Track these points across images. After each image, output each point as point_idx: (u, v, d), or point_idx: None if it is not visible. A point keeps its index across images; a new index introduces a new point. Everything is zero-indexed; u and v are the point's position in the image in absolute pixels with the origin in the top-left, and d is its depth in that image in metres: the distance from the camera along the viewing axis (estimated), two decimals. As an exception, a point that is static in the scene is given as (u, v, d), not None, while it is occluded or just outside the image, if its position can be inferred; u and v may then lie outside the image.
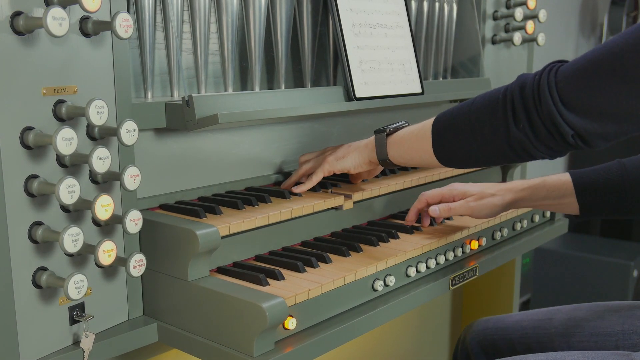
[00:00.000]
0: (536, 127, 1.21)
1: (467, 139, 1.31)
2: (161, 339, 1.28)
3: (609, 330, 1.60)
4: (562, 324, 1.68)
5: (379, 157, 1.47)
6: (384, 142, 1.46)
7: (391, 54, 1.75)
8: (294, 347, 1.17)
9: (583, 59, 1.17)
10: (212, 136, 1.48)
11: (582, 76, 1.15)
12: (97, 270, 1.20)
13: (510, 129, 1.24)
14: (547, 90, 1.18)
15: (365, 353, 2.17)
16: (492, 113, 1.27)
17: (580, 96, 1.16)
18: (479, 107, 1.30)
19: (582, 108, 1.16)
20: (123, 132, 1.12)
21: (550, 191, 1.59)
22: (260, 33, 1.54)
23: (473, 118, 1.30)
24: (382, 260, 1.38)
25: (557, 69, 1.20)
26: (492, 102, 1.28)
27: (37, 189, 1.07)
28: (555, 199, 1.60)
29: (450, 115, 1.36)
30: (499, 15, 2.17)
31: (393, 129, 1.47)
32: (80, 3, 1.03)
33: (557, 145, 1.22)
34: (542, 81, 1.20)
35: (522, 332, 1.72)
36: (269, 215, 1.35)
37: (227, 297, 1.16)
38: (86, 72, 1.13)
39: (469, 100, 1.34)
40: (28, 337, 1.11)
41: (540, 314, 1.75)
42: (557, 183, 1.60)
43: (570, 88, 1.16)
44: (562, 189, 1.59)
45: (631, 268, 3.56)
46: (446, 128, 1.36)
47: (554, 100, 1.17)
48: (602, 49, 1.14)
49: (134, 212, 1.15)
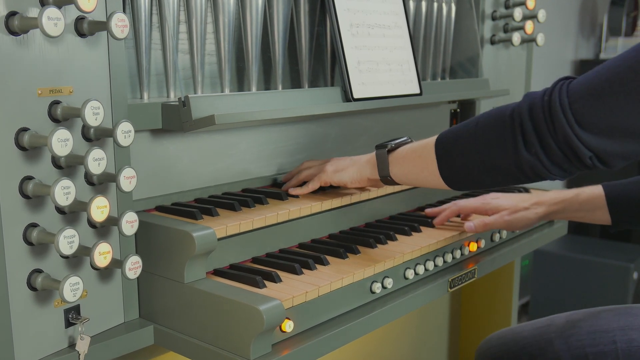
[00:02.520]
0: (550, 151, 1.17)
1: (474, 164, 1.28)
2: (157, 341, 1.28)
3: (606, 327, 1.61)
4: (560, 327, 1.69)
5: (380, 173, 1.44)
6: (385, 159, 1.43)
7: (389, 54, 1.74)
8: (291, 350, 1.16)
9: (597, 77, 1.12)
10: (209, 137, 1.48)
11: (598, 95, 1.11)
12: (93, 272, 1.20)
13: (520, 152, 1.20)
14: (561, 111, 1.14)
15: (363, 356, 2.17)
16: (499, 136, 1.23)
17: (598, 117, 1.11)
18: (484, 129, 1.26)
19: (600, 129, 1.11)
20: (119, 133, 1.11)
21: (583, 204, 1.61)
22: (257, 33, 1.53)
23: (480, 142, 1.26)
24: (380, 262, 1.38)
25: (567, 87, 1.15)
26: (499, 124, 1.23)
27: (32, 191, 1.07)
28: (588, 211, 1.61)
29: (454, 137, 1.32)
30: (498, 15, 2.17)
31: (395, 145, 1.43)
32: (75, 3, 1.03)
33: (572, 167, 1.18)
34: (553, 102, 1.15)
35: (523, 342, 1.73)
36: (266, 217, 1.35)
37: (224, 300, 1.15)
38: (82, 72, 1.13)
39: (473, 120, 1.30)
40: (23, 339, 1.10)
41: (540, 322, 1.76)
42: (591, 196, 1.61)
43: (587, 109, 1.12)
44: (595, 202, 1.60)
45: (631, 270, 3.55)
46: (451, 152, 1.32)
47: (569, 122, 1.13)
48: (618, 66, 1.10)
49: (130, 214, 1.15)
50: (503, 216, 1.61)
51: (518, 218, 1.61)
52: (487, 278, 2.39)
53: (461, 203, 1.66)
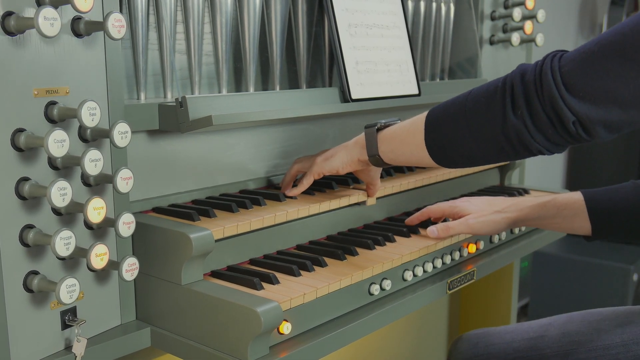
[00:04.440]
0: (535, 114, 1.15)
1: (460, 129, 1.25)
2: (154, 343, 1.27)
3: (607, 343, 1.53)
4: (556, 342, 1.61)
5: (368, 152, 1.41)
6: (374, 137, 1.40)
7: (387, 54, 1.73)
8: (289, 352, 1.16)
9: (590, 42, 1.12)
10: (206, 138, 1.47)
11: (588, 59, 1.10)
12: (90, 274, 1.19)
13: (508, 115, 1.18)
14: (550, 73, 1.13)
15: (361, 358, 2.16)
16: (489, 101, 1.21)
17: (585, 79, 1.10)
18: (475, 96, 1.24)
19: (586, 91, 1.11)
20: (115, 134, 1.11)
21: (561, 209, 1.53)
22: (254, 33, 1.53)
23: (468, 107, 1.24)
24: (378, 263, 1.37)
25: (561, 55, 1.15)
26: (490, 90, 1.22)
27: (29, 192, 1.06)
28: (566, 217, 1.53)
29: (444, 105, 1.30)
30: (497, 16, 2.16)
31: (384, 124, 1.41)
32: (72, 3, 1.02)
33: (556, 135, 1.16)
34: (545, 66, 1.15)
35: (515, 355, 1.64)
36: (263, 218, 1.34)
37: (221, 302, 1.15)
38: (78, 73, 1.12)
39: (466, 92, 1.28)
40: (19, 342, 1.10)
41: (531, 331, 1.67)
42: (569, 201, 1.53)
43: (575, 71, 1.11)
44: (574, 208, 1.52)
45: (631, 272, 3.54)
46: (439, 119, 1.29)
47: (557, 83, 1.12)
48: (610, 32, 1.09)
49: (127, 215, 1.14)
50: (467, 220, 1.53)
51: (483, 222, 1.53)
52: (486, 280, 2.38)
53: (432, 208, 1.61)
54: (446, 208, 1.60)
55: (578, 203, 1.52)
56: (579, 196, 1.53)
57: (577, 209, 1.52)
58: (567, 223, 1.54)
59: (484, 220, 1.53)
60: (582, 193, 1.54)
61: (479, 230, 1.53)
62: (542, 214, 1.54)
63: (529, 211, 1.55)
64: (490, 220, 1.53)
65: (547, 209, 1.54)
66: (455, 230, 1.52)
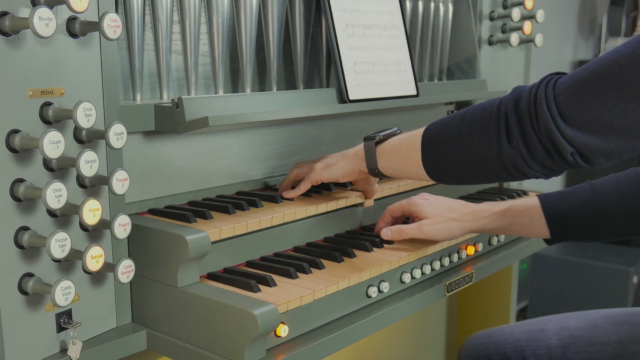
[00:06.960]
0: (531, 144, 1.14)
1: (456, 153, 1.25)
2: (150, 346, 1.27)
3: (605, 340, 1.56)
4: (555, 335, 1.64)
5: (368, 166, 1.41)
6: (373, 151, 1.40)
7: (385, 55, 1.73)
8: (286, 355, 1.15)
9: (584, 70, 1.10)
10: (203, 139, 1.47)
11: (584, 89, 1.08)
12: (85, 276, 1.19)
13: (503, 145, 1.17)
14: (545, 103, 1.11)
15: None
16: (483, 127, 1.20)
17: (581, 110, 1.09)
18: (470, 121, 1.23)
19: (583, 122, 1.09)
20: (111, 135, 1.10)
21: (518, 217, 1.53)
22: (251, 33, 1.52)
23: (464, 131, 1.23)
24: (376, 266, 1.37)
25: (555, 81, 1.13)
26: (485, 116, 1.21)
27: (24, 193, 1.06)
28: (524, 224, 1.53)
29: (441, 126, 1.29)
30: (496, 16, 2.16)
31: (383, 137, 1.41)
32: (67, 3, 1.02)
33: (554, 164, 1.15)
34: (540, 94, 1.13)
35: (515, 345, 1.68)
36: (260, 220, 1.34)
37: (218, 304, 1.14)
38: (73, 73, 1.12)
39: (462, 111, 1.27)
40: (14, 344, 1.09)
41: (532, 325, 1.71)
42: (525, 208, 1.54)
43: (571, 102, 1.09)
44: (530, 214, 1.53)
45: (631, 274, 3.54)
46: (436, 140, 1.29)
47: (552, 114, 1.10)
48: (605, 60, 1.08)
49: (123, 217, 1.14)
50: (422, 225, 1.50)
51: (438, 229, 1.51)
52: (484, 282, 2.38)
53: (392, 207, 1.58)
54: (404, 204, 1.57)
55: (535, 209, 1.53)
56: (535, 201, 1.54)
57: (534, 215, 1.53)
58: (526, 229, 1.55)
59: (439, 227, 1.51)
60: (538, 198, 1.54)
61: (432, 236, 1.51)
62: (500, 223, 1.54)
63: (486, 221, 1.54)
64: (445, 227, 1.51)
65: (504, 217, 1.54)
66: (408, 235, 1.50)
